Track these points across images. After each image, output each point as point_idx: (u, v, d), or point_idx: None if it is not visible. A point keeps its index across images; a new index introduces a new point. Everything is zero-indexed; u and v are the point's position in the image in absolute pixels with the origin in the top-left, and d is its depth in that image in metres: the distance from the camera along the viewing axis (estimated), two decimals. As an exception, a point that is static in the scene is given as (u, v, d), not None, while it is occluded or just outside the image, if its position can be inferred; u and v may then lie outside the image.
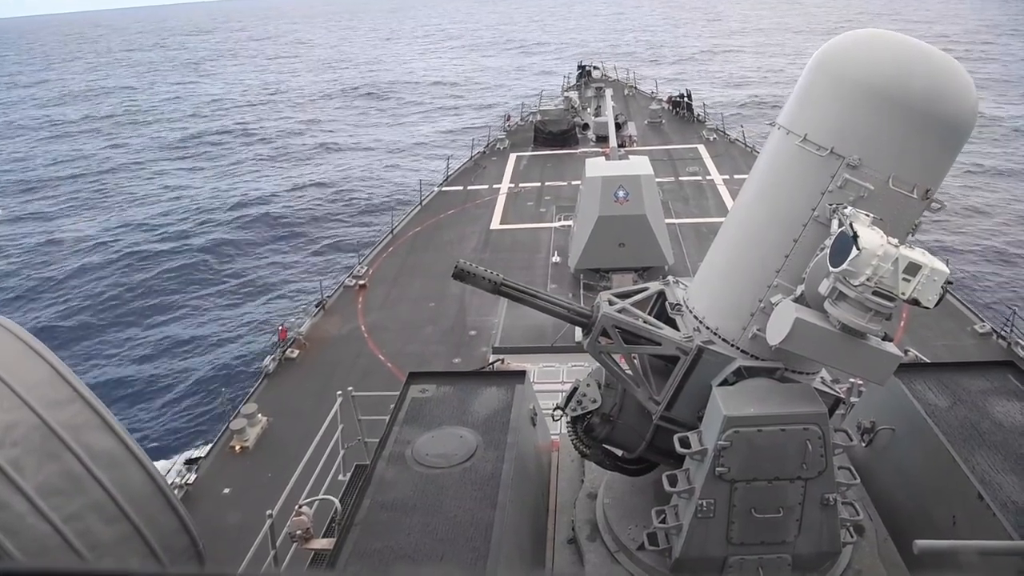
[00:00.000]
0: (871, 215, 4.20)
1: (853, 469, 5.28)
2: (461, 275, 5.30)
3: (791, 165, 4.69)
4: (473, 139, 34.52)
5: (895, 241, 4.02)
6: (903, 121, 4.28)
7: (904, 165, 4.35)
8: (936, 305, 4.03)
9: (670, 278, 5.97)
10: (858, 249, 3.92)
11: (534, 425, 6.67)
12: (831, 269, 4.09)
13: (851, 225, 4.03)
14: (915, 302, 3.99)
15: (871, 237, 3.96)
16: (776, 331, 4.38)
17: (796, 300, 4.45)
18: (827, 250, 4.18)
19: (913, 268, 3.94)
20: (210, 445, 12.86)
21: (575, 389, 5.73)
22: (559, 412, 5.86)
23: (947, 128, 4.33)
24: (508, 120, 37.23)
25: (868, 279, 3.96)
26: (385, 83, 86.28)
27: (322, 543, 6.09)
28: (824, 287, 4.18)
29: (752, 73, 75.57)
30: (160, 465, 5.91)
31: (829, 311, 4.18)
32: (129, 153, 57.63)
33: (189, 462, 12.47)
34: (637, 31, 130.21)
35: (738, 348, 4.99)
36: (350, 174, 47.42)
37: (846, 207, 4.28)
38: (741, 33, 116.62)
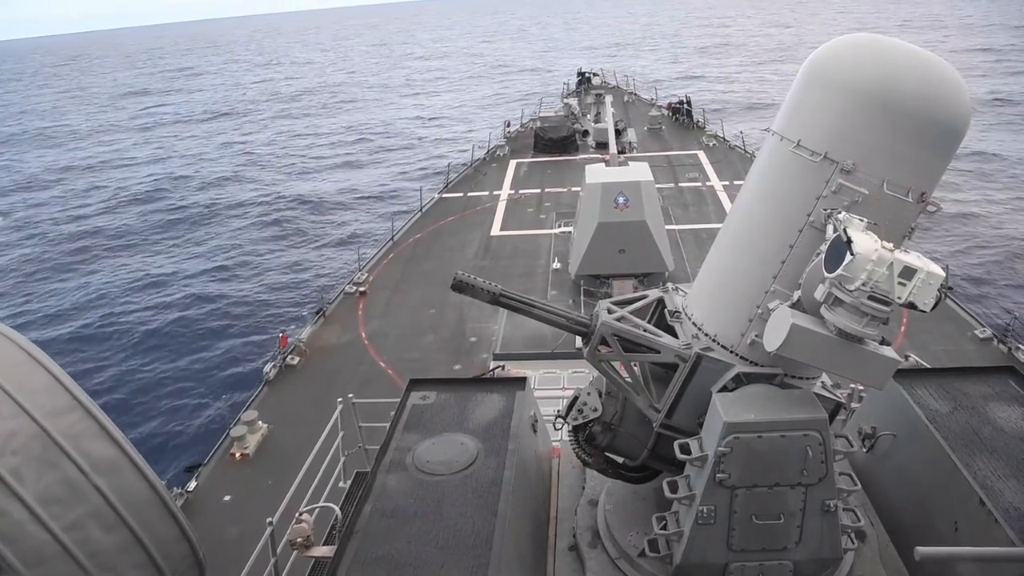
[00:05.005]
0: (865, 220, 4.19)
1: (854, 475, 5.26)
2: (460, 287, 5.32)
3: (785, 171, 4.69)
4: (473, 145, 34.62)
5: (890, 245, 4.01)
6: (896, 125, 4.27)
7: (898, 169, 4.34)
8: (933, 309, 4.02)
9: (669, 285, 5.97)
10: (852, 254, 3.91)
11: (535, 432, 6.67)
12: (826, 275, 4.09)
13: (845, 230, 4.03)
14: (911, 306, 3.98)
15: (865, 242, 3.96)
16: (773, 337, 4.38)
17: (793, 306, 4.45)
18: (822, 256, 4.19)
19: (908, 272, 3.94)
20: (210, 452, 12.85)
21: (576, 398, 5.72)
22: (560, 421, 5.85)
23: (941, 131, 4.31)
24: (508, 126, 37.32)
25: (863, 284, 3.96)
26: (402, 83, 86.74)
27: (323, 551, 6.07)
28: (820, 292, 4.18)
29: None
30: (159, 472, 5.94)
31: (825, 316, 4.18)
32: (122, 157, 57.86)
33: (189, 469, 12.47)
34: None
35: (737, 354, 4.99)
36: (351, 179, 47.50)
37: (840, 212, 4.28)
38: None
